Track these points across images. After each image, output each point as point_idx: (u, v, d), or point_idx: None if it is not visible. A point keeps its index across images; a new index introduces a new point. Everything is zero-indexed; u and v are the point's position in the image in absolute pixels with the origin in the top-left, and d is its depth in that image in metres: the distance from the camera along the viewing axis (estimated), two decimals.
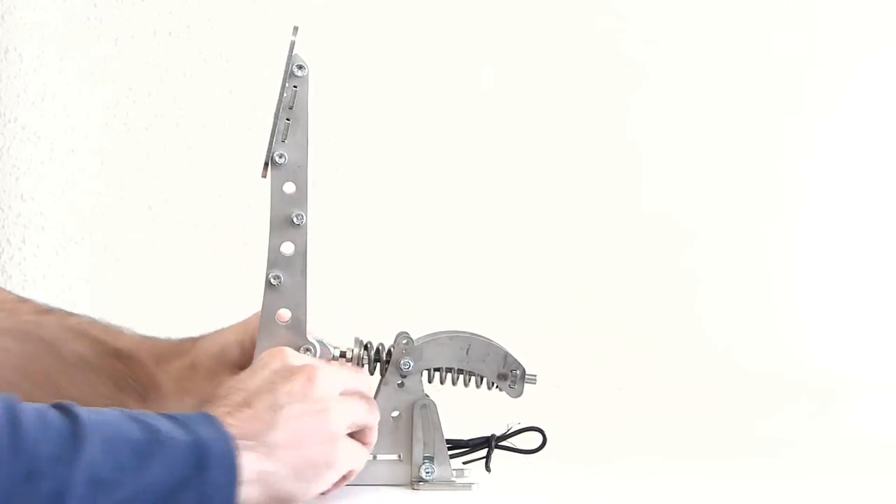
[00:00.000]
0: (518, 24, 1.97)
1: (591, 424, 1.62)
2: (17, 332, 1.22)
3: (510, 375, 1.17)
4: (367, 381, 1.13)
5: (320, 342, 1.16)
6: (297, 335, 1.14)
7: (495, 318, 1.63)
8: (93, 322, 1.26)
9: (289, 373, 1.05)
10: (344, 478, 1.07)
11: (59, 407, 0.94)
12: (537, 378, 1.17)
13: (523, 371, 1.17)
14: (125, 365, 1.22)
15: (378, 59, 1.94)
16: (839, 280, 2.00)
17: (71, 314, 1.25)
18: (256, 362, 1.09)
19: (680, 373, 1.88)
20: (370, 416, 1.10)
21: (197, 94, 1.91)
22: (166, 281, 1.89)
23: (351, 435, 1.08)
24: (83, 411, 0.94)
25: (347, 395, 1.08)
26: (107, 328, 1.24)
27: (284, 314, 1.14)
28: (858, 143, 2.01)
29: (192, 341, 1.23)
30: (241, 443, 0.98)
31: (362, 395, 1.10)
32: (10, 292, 1.30)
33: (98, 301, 1.85)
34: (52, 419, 0.92)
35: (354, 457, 1.07)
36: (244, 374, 1.07)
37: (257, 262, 1.15)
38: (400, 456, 1.16)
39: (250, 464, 0.98)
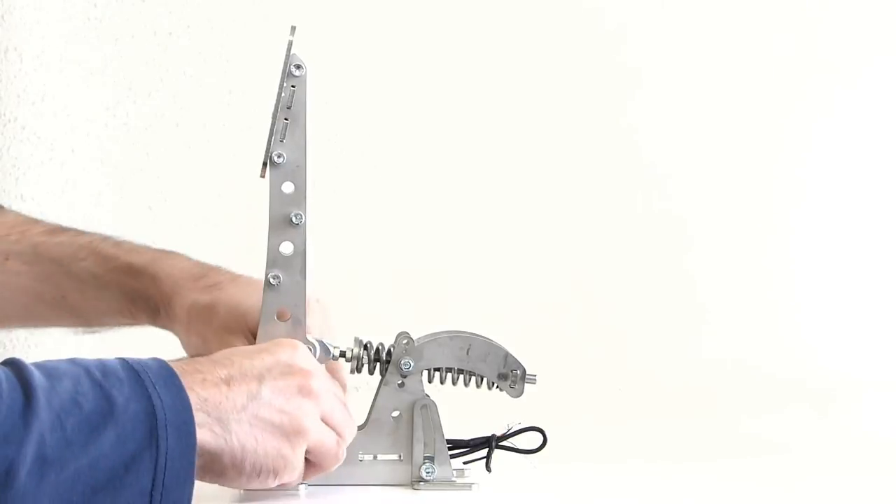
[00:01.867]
0: (518, 23, 1.97)
1: (592, 424, 1.62)
2: (28, 255, 1.22)
3: (510, 375, 1.17)
4: (353, 424, 1.11)
5: (320, 342, 1.16)
6: (296, 335, 1.14)
7: (495, 318, 1.63)
8: (106, 238, 1.25)
9: (287, 370, 1.04)
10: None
11: (13, 369, 0.92)
12: (537, 378, 1.17)
13: (524, 371, 1.17)
14: (138, 281, 1.21)
15: (377, 59, 1.94)
16: (839, 281, 2.00)
17: (83, 232, 1.25)
18: (267, 344, 1.07)
19: (680, 373, 1.88)
20: (331, 454, 1.07)
21: (197, 94, 1.91)
22: None
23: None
24: (37, 377, 0.91)
25: (324, 425, 1.06)
26: (119, 244, 1.24)
27: (284, 314, 1.14)
28: (857, 143, 2.01)
29: (221, 280, 1.22)
30: (199, 414, 0.96)
31: (339, 433, 1.08)
32: (19, 213, 1.29)
33: None
34: (2, 392, 0.90)
35: (295, 475, 1.05)
36: (246, 350, 1.05)
37: (257, 262, 1.15)
38: (400, 456, 1.16)
39: (200, 432, 0.96)
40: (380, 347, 1.17)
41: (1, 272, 1.23)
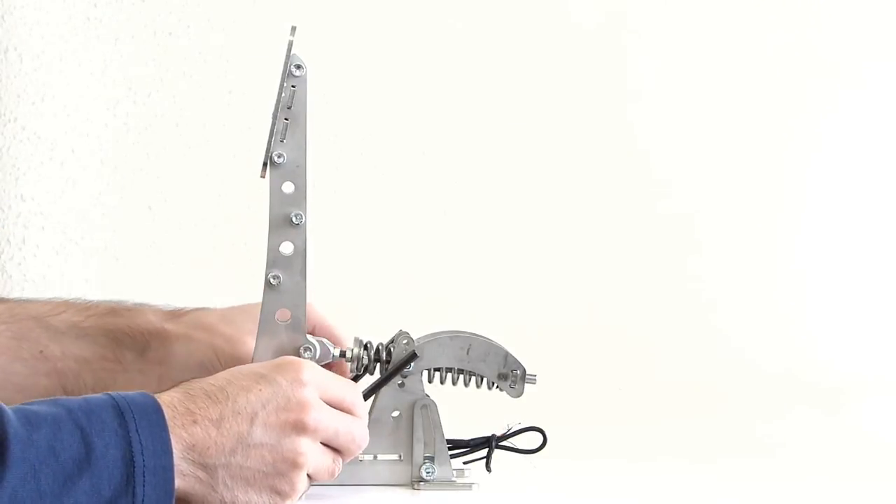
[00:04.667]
0: (520, 24, 1.97)
1: (593, 424, 1.62)
2: (5, 315, 1.21)
3: (510, 375, 1.17)
4: (360, 436, 1.08)
5: (320, 342, 1.16)
6: (296, 335, 1.14)
7: (495, 318, 1.63)
8: (79, 298, 1.25)
9: (284, 404, 1.02)
10: None
11: None
12: (537, 378, 1.17)
13: (524, 371, 1.17)
14: (122, 318, 1.21)
15: (378, 59, 1.94)
16: (848, 280, 1.99)
17: (53, 297, 1.25)
18: (269, 367, 1.04)
19: (681, 373, 1.88)
20: (326, 473, 1.05)
21: (197, 94, 1.91)
22: (166, 281, 1.88)
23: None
24: (13, 428, 0.91)
25: (323, 449, 1.04)
26: (94, 300, 1.24)
27: (284, 314, 1.14)
28: (868, 142, 2.01)
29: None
30: (184, 463, 0.96)
31: (342, 453, 1.06)
32: None
33: None
34: None
35: (296, 498, 1.03)
36: (246, 377, 1.03)
37: (257, 262, 1.15)
38: (400, 456, 1.16)
39: (184, 481, 0.96)
40: (380, 347, 1.17)
41: None
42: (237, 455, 0.99)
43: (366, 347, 1.17)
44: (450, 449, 1.17)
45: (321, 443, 1.04)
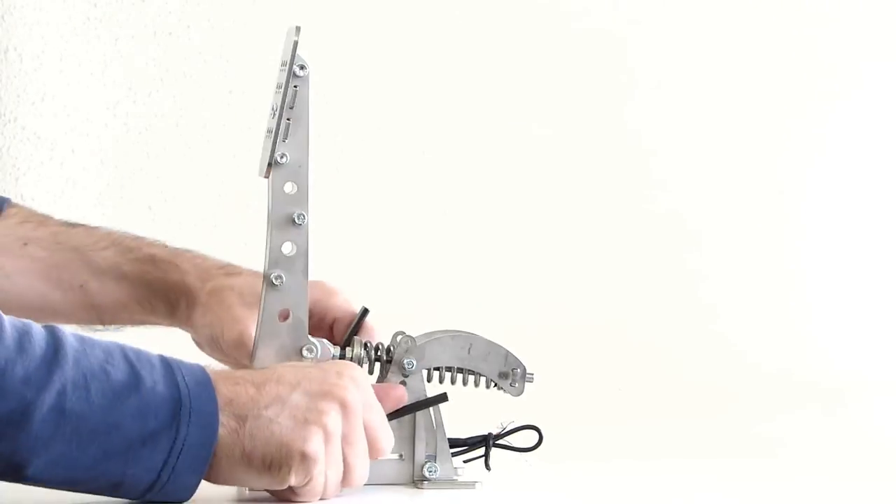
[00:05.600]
0: (520, 23, 1.97)
1: (593, 424, 1.62)
2: (48, 242, 1.22)
3: (511, 374, 1.17)
4: (363, 469, 1.06)
5: (321, 342, 1.16)
6: (298, 335, 1.14)
7: (495, 318, 1.63)
8: (123, 232, 1.25)
9: (331, 387, 1.02)
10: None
11: (49, 329, 0.93)
12: (535, 377, 1.17)
13: (524, 370, 1.17)
14: (160, 270, 1.21)
15: (378, 59, 1.94)
16: (849, 280, 2.00)
17: (98, 226, 1.25)
18: (325, 362, 1.06)
19: (681, 372, 1.88)
20: (314, 491, 1.03)
21: (197, 94, 1.91)
22: None
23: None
24: (70, 339, 0.93)
25: (339, 453, 1.03)
26: (138, 237, 1.24)
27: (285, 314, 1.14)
28: (869, 142, 2.01)
29: (242, 270, 1.22)
30: (225, 407, 0.97)
31: (347, 468, 1.04)
32: (33, 209, 1.29)
33: None
34: (34, 341, 0.91)
35: (311, 478, 1.01)
36: (297, 363, 1.05)
37: (257, 262, 1.15)
38: (402, 455, 1.16)
39: (222, 429, 0.97)
40: (380, 347, 1.17)
41: (20, 257, 1.22)
42: (270, 409, 0.99)
43: (366, 347, 1.17)
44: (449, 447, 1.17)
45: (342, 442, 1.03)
